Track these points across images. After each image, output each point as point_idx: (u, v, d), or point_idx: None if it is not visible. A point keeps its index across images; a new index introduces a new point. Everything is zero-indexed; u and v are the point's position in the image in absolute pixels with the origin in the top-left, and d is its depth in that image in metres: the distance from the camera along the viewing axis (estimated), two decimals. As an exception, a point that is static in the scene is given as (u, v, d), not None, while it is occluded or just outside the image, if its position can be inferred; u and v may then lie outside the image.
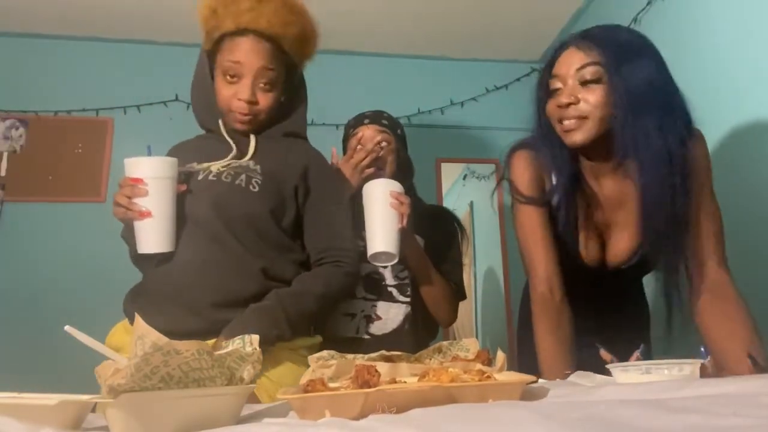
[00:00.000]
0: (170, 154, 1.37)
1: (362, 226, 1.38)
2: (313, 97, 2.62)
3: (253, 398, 1.02)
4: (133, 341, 0.70)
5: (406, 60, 2.81)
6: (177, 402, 0.66)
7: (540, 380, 0.88)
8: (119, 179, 1.21)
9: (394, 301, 1.48)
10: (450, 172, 2.75)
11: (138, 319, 0.71)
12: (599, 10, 2.37)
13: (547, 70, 1.11)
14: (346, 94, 2.71)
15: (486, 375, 0.74)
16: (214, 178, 1.24)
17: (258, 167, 1.27)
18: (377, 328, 1.45)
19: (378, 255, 1.31)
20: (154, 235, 1.16)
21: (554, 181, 1.16)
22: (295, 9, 1.31)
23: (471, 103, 2.79)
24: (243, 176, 1.24)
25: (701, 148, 1.11)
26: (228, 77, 1.27)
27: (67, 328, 0.74)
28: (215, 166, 1.26)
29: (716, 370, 0.84)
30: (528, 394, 0.74)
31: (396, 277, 1.49)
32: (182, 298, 1.18)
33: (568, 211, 1.16)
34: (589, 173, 1.16)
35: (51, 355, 1.89)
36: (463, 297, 1.58)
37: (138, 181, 1.13)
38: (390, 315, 1.46)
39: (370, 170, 1.49)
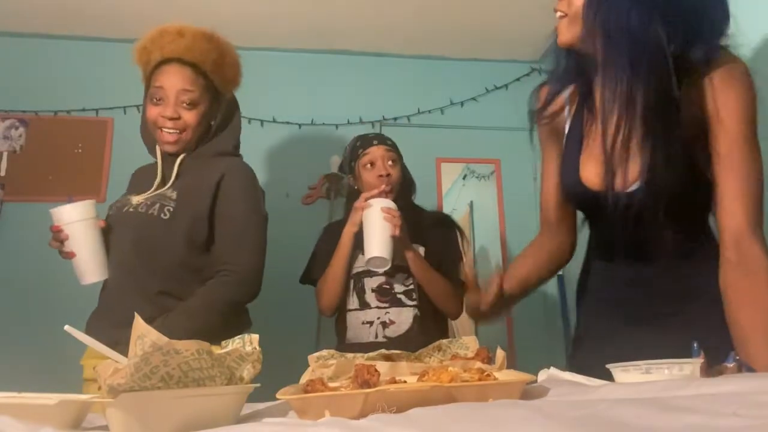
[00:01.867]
0: (133, 175, 1.59)
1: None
2: (313, 97, 2.65)
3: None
4: (132, 341, 0.70)
5: (406, 60, 2.81)
6: (177, 402, 0.66)
7: (540, 377, 0.88)
8: (119, 180, 1.28)
9: (404, 306, 1.67)
10: (450, 172, 2.75)
11: (138, 318, 0.71)
12: (599, 9, 2.37)
13: None
14: (346, 94, 2.71)
15: (486, 374, 0.74)
16: (132, 210, 1.40)
17: (174, 193, 1.40)
18: (392, 331, 1.65)
19: (373, 260, 1.53)
20: (81, 270, 1.36)
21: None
22: (212, 38, 1.49)
23: (471, 103, 2.79)
24: (157, 205, 1.38)
25: (723, 80, 0.94)
26: (154, 100, 1.43)
27: (67, 327, 0.74)
28: (136, 199, 1.42)
29: (709, 370, 0.77)
30: (528, 393, 0.74)
31: (403, 284, 1.69)
32: (108, 318, 1.34)
33: (571, 130, 1.11)
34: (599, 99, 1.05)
35: (51, 355, 1.89)
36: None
37: (56, 228, 1.34)
38: (401, 318, 1.66)
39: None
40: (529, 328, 2.58)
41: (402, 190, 1.75)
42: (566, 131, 1.13)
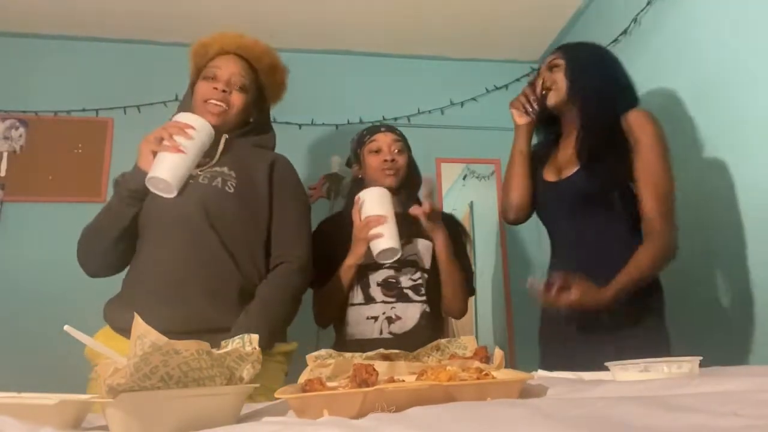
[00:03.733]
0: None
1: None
2: (313, 97, 2.64)
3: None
4: (132, 341, 0.70)
5: (406, 60, 2.80)
6: (176, 401, 0.66)
7: (537, 375, 0.88)
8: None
9: (411, 301, 1.62)
10: (450, 172, 2.74)
11: (137, 318, 0.71)
12: (599, 10, 2.37)
13: (537, 75, 1.68)
14: (346, 94, 2.71)
15: (484, 373, 0.74)
16: (192, 181, 1.38)
17: (232, 172, 1.43)
18: (398, 327, 1.58)
19: (384, 252, 1.49)
20: (174, 168, 1.31)
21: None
22: (269, 49, 1.62)
23: (471, 103, 2.78)
24: (219, 179, 1.40)
25: (638, 119, 1.46)
26: (207, 78, 1.49)
27: (66, 327, 0.74)
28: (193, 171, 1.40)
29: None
30: (527, 392, 0.74)
31: (410, 279, 1.64)
32: (174, 294, 1.29)
33: (544, 154, 1.68)
34: (564, 138, 1.63)
35: (51, 355, 1.89)
36: (472, 292, 1.78)
37: (186, 126, 1.35)
38: (408, 314, 1.60)
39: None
40: (529, 328, 2.57)
41: (408, 183, 1.74)
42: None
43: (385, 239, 1.49)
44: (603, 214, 1.47)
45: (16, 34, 2.51)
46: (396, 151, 1.71)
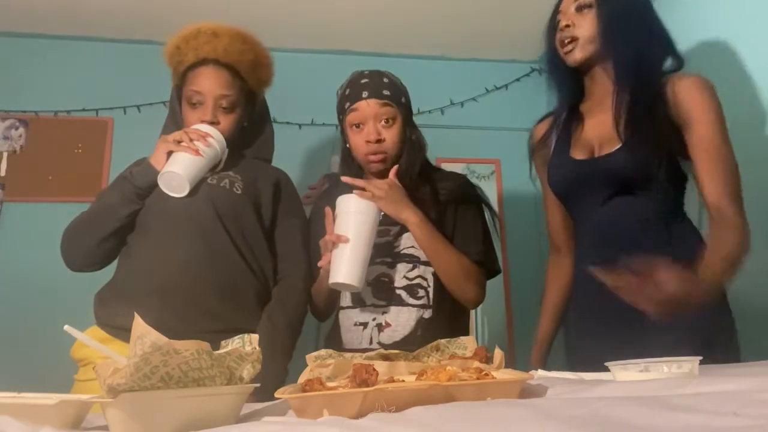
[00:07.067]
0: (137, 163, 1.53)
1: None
2: (313, 97, 2.64)
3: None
4: (132, 341, 0.70)
5: (406, 60, 2.80)
6: (176, 402, 0.66)
7: (537, 375, 0.88)
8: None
9: (404, 304, 1.32)
10: (450, 172, 2.74)
11: (138, 318, 0.71)
12: (599, 9, 2.37)
13: (554, 10, 1.35)
14: (346, 94, 2.70)
15: (484, 373, 0.74)
16: (201, 182, 1.38)
17: (238, 176, 1.43)
18: (387, 337, 1.31)
19: (340, 284, 1.22)
20: (189, 167, 1.32)
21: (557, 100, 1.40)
22: (247, 39, 1.49)
23: (471, 103, 2.78)
24: (226, 180, 1.40)
25: (691, 87, 1.20)
26: (192, 104, 1.42)
27: (66, 327, 0.74)
28: None
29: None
30: (527, 392, 0.74)
31: (404, 277, 1.34)
32: (186, 292, 1.28)
33: (559, 139, 1.37)
34: (586, 109, 1.35)
35: (51, 355, 1.89)
36: (493, 274, 1.46)
37: (210, 135, 1.36)
38: (400, 321, 1.31)
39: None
40: (529, 328, 2.57)
41: (407, 156, 1.39)
42: (553, 145, 1.38)
43: (338, 271, 1.20)
44: (645, 197, 1.22)
45: (16, 34, 2.51)
46: (383, 123, 1.36)
